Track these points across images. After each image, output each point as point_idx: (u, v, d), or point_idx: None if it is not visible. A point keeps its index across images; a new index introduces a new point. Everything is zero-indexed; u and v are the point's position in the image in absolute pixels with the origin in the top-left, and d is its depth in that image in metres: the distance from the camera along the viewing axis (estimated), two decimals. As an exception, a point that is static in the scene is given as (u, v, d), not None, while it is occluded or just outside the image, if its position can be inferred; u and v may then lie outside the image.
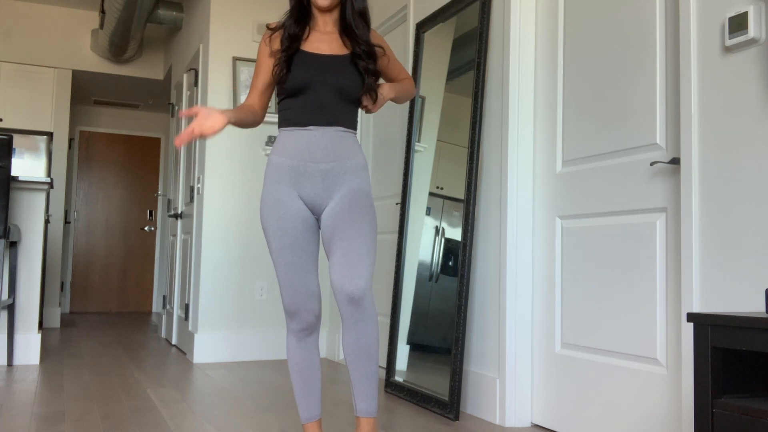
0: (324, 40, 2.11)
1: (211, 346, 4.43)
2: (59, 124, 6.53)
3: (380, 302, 4.00)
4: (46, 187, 4.27)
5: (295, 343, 2.11)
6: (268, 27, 2.14)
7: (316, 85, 2.05)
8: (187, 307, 4.74)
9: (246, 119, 2.06)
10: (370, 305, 1.99)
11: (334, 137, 2.06)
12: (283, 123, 2.12)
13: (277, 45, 2.10)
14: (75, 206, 7.91)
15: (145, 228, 7.89)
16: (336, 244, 2.01)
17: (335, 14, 2.11)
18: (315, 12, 2.11)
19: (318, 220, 2.11)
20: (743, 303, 1.93)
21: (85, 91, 7.41)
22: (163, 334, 5.69)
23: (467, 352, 3.10)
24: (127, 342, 5.35)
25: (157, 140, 8.39)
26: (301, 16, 2.09)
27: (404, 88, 2.26)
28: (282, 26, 2.11)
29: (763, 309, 1.86)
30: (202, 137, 1.85)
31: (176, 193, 5.56)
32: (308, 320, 2.09)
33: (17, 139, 6.18)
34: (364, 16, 2.11)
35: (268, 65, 2.11)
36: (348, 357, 2.02)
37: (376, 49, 2.14)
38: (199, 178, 4.69)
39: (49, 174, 6.38)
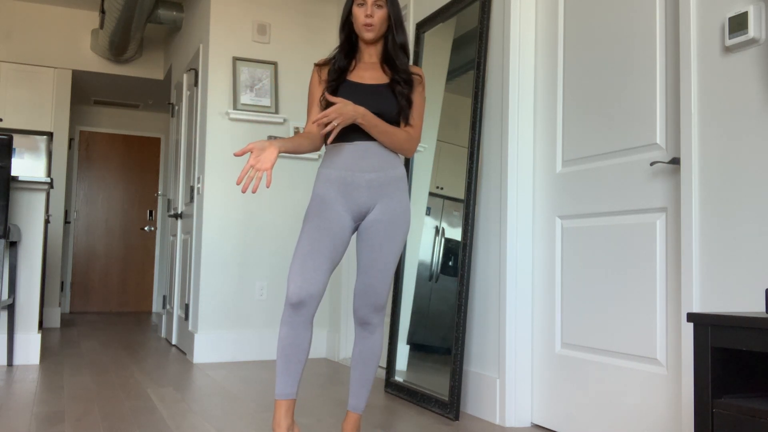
0: (367, 69, 2.37)
1: (211, 346, 4.43)
2: (59, 124, 6.53)
3: (380, 302, 4.00)
4: (46, 187, 4.27)
5: (286, 318, 2.21)
6: (316, 64, 2.42)
7: None
8: (187, 307, 4.74)
9: (302, 145, 2.25)
10: (380, 326, 2.36)
11: (377, 150, 2.29)
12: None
13: (325, 75, 2.38)
14: (75, 206, 7.91)
15: (145, 228, 7.89)
16: (368, 257, 2.29)
17: (379, 46, 2.39)
18: (361, 45, 2.40)
19: (357, 226, 2.33)
20: (743, 303, 1.93)
21: (85, 91, 7.41)
22: (163, 334, 5.69)
23: (467, 352, 3.10)
24: (127, 342, 5.35)
25: (157, 140, 8.38)
26: (349, 49, 2.38)
27: (390, 130, 2.28)
28: (331, 60, 2.39)
29: (763, 309, 1.86)
30: (261, 172, 2.02)
31: (176, 193, 5.56)
32: (300, 295, 2.16)
33: (17, 139, 6.18)
34: (404, 48, 2.37)
35: (319, 94, 2.37)
36: (352, 361, 2.40)
37: (414, 76, 2.37)
38: (199, 178, 4.69)
39: (49, 174, 6.38)
